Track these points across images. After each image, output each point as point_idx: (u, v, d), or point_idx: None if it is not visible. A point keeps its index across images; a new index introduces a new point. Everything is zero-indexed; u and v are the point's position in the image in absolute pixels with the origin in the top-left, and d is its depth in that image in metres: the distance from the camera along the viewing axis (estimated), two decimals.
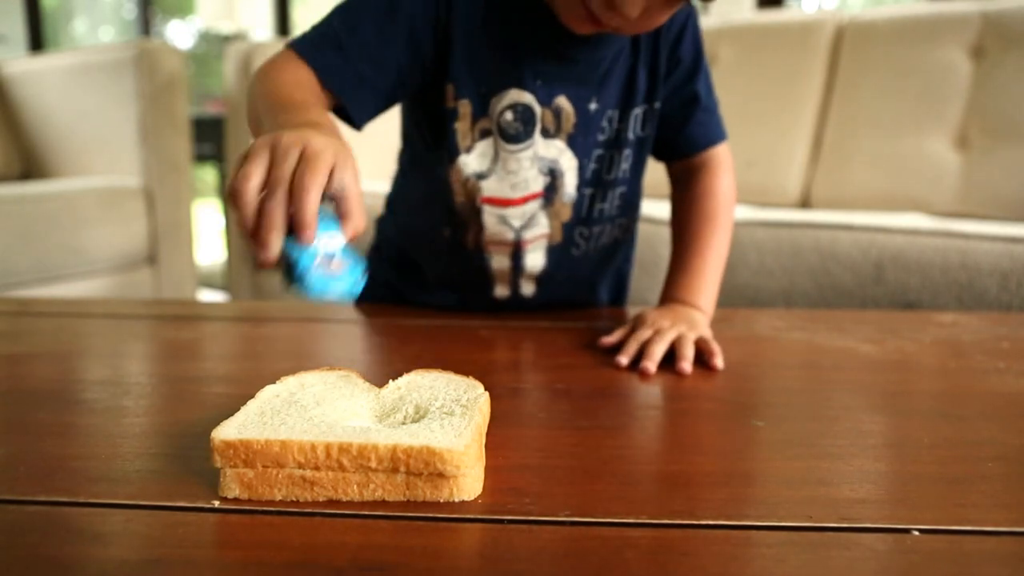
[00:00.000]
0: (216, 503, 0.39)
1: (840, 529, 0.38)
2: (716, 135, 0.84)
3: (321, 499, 0.39)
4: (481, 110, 0.75)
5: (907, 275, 1.22)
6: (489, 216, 0.78)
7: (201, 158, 2.81)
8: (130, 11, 4.14)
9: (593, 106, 0.76)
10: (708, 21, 2.14)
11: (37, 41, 3.51)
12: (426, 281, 0.87)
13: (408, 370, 0.51)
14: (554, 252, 0.81)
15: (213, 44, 4.16)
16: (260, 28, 3.45)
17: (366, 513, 0.38)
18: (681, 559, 0.35)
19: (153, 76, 1.90)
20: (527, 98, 0.74)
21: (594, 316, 0.86)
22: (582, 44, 0.73)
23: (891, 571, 0.35)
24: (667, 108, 0.80)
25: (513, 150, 0.75)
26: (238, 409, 0.43)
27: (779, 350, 0.74)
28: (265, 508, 0.39)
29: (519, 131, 0.75)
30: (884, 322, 0.85)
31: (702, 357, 0.66)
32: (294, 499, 0.39)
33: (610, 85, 0.77)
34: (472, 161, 0.76)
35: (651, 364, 0.64)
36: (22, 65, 2.19)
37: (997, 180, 1.61)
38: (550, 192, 0.78)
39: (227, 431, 0.40)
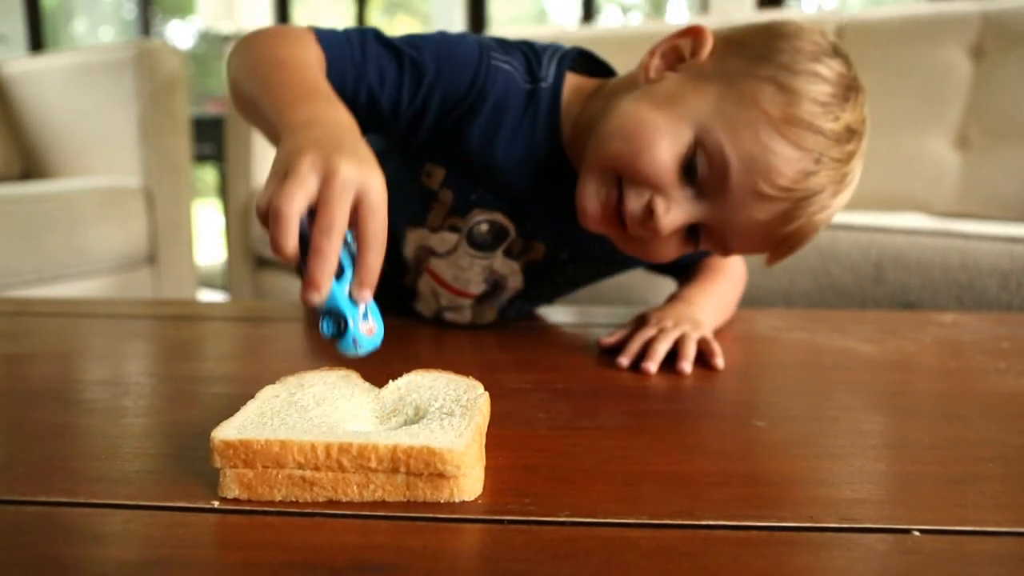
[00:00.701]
0: (216, 503, 0.39)
1: (840, 529, 0.38)
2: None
3: (321, 499, 0.39)
4: (460, 210, 0.72)
5: (907, 275, 1.22)
6: (425, 282, 0.77)
7: (201, 158, 2.81)
8: (130, 11, 4.14)
9: (564, 255, 0.75)
10: (708, 21, 2.14)
11: (37, 41, 3.52)
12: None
13: (408, 370, 0.51)
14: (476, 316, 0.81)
15: (213, 44, 4.16)
16: None
17: (366, 513, 0.38)
18: (681, 559, 0.35)
19: (153, 76, 1.90)
20: (507, 224, 0.73)
21: (595, 316, 0.86)
22: None
23: (891, 571, 0.35)
24: None
25: (472, 254, 0.74)
26: (238, 409, 0.43)
27: (779, 350, 0.74)
28: (265, 508, 0.39)
29: (487, 244, 0.73)
30: (884, 322, 0.85)
31: (702, 357, 0.66)
32: (294, 499, 0.39)
33: (590, 245, 0.74)
34: (432, 240, 0.74)
35: (653, 364, 0.64)
36: (22, 65, 2.19)
37: (997, 180, 1.61)
38: (484, 298, 0.77)
39: (227, 431, 0.40)
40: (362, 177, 0.44)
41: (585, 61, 0.73)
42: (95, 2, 4.70)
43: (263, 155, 1.89)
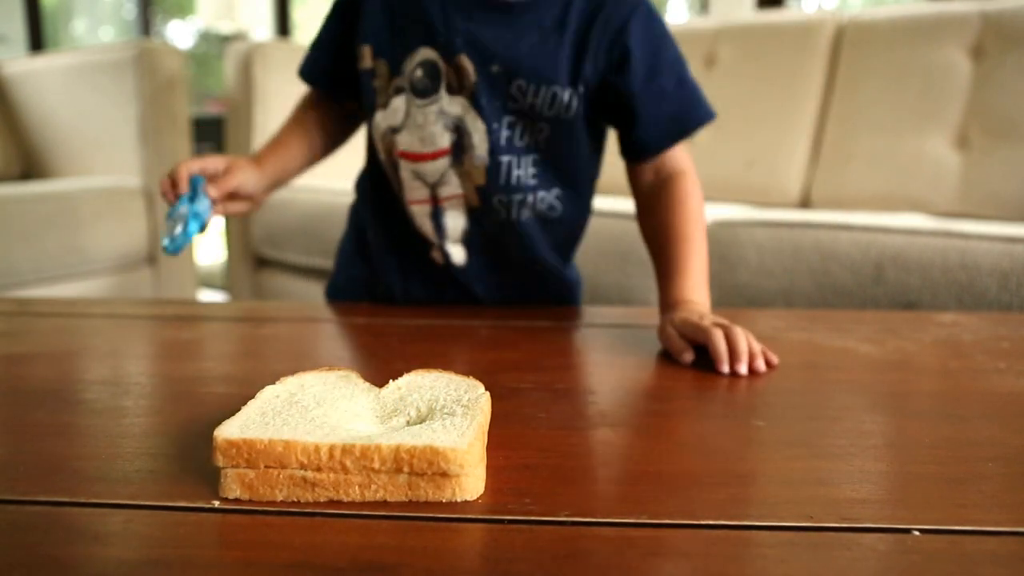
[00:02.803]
0: (216, 503, 0.39)
1: (840, 529, 0.38)
2: (694, 120, 0.82)
3: (322, 500, 0.39)
4: (396, 69, 0.80)
5: (907, 275, 1.22)
6: (405, 171, 0.82)
7: None
8: (130, 11, 4.14)
9: (495, 68, 0.77)
10: (708, 21, 2.14)
11: (37, 41, 3.51)
12: (381, 267, 0.90)
13: (408, 370, 0.51)
14: (475, 216, 0.83)
15: (213, 44, 4.16)
16: (260, 28, 3.45)
17: (367, 513, 0.38)
18: (681, 559, 0.35)
19: (153, 76, 1.90)
20: (433, 55, 0.79)
21: (595, 316, 0.86)
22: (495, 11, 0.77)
23: (891, 571, 0.35)
24: (630, 102, 0.79)
25: (421, 104, 0.79)
26: (238, 409, 0.43)
27: (779, 350, 0.74)
28: (266, 508, 0.39)
29: (427, 86, 0.79)
30: (884, 322, 0.85)
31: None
32: (295, 500, 0.39)
33: (522, 55, 0.77)
34: (388, 116, 0.81)
35: (742, 366, 0.64)
36: (22, 65, 2.19)
37: (997, 180, 1.61)
38: (458, 151, 0.80)
39: (230, 430, 0.40)
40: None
41: None
42: (95, 2, 4.70)
43: None
